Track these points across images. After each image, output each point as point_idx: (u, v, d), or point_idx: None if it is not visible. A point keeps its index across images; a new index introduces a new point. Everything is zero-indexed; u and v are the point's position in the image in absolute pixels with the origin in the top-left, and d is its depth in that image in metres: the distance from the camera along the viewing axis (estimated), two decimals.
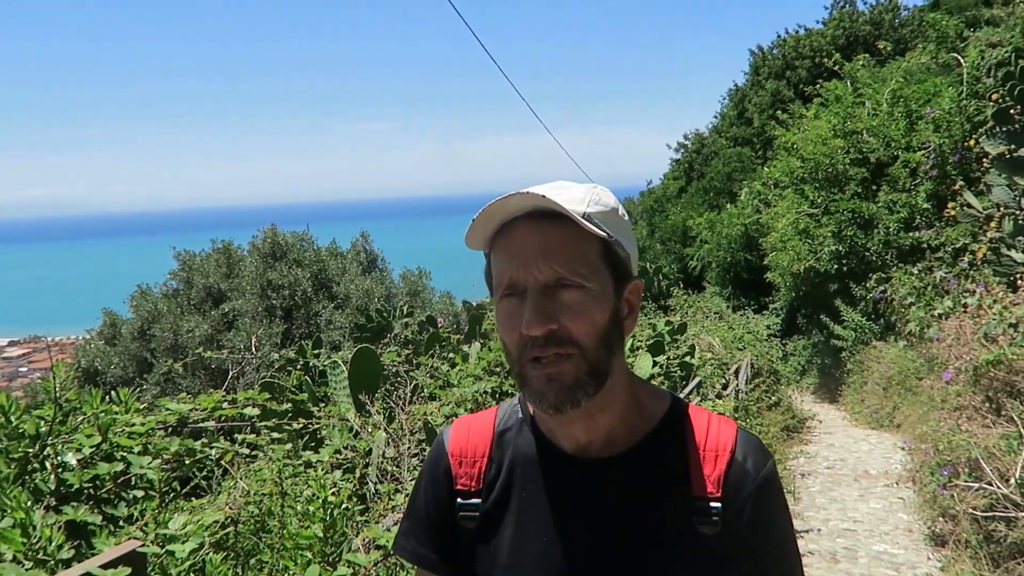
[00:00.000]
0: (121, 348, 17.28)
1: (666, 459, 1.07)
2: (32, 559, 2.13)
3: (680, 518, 1.04)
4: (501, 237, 1.02)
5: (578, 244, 0.99)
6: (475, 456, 1.15)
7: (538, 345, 0.97)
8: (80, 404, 2.95)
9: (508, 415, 1.18)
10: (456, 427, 1.21)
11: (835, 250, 13.24)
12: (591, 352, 0.99)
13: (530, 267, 0.98)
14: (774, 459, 1.09)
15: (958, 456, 5.00)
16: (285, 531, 2.59)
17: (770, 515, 1.06)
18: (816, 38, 28.13)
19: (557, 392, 0.98)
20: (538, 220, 0.99)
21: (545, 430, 1.12)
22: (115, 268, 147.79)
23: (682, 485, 1.05)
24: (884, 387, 11.12)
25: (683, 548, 1.03)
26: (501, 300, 1.02)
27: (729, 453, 1.06)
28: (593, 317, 0.99)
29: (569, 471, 1.08)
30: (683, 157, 35.81)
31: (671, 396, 1.15)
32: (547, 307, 0.97)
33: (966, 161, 11.26)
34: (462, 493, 1.14)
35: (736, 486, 1.04)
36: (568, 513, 1.07)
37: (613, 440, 1.07)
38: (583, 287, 0.98)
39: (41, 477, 2.62)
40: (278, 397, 4.30)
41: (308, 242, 19.54)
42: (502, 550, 1.09)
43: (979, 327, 5.89)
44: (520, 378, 1.02)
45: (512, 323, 0.99)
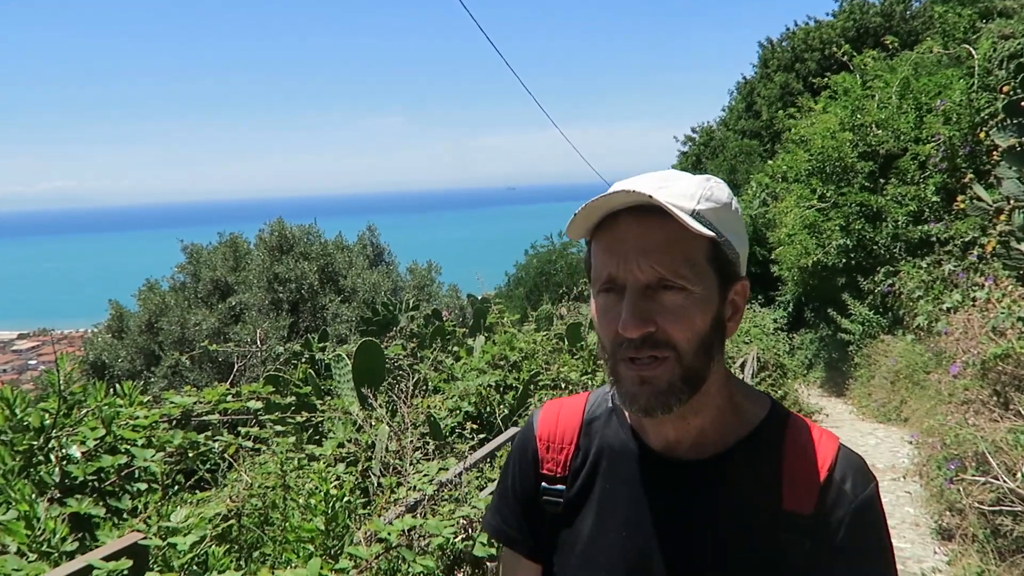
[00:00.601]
0: (128, 341, 17.37)
1: (758, 467, 1.02)
2: (36, 551, 2.14)
3: (767, 530, 0.99)
4: (603, 229, 0.98)
5: (683, 243, 0.94)
6: (563, 442, 1.14)
7: (634, 347, 0.95)
8: (84, 397, 2.96)
9: (598, 403, 1.17)
10: (546, 411, 1.20)
11: (843, 244, 13.17)
12: (688, 357, 0.95)
13: (630, 265, 0.94)
14: (877, 483, 1.02)
15: (965, 450, 4.98)
16: (287, 524, 2.59)
17: (865, 542, 0.99)
18: (826, 30, 27.95)
19: (649, 396, 0.96)
20: (642, 215, 0.95)
21: (634, 424, 1.10)
22: (124, 261, 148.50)
23: (773, 496, 1.00)
24: (892, 381, 11.07)
25: (766, 561, 0.98)
26: (599, 294, 0.99)
27: (827, 470, 1.00)
28: (694, 321, 0.95)
29: (655, 469, 1.06)
30: (690, 150, 35.70)
31: (771, 401, 1.11)
32: (645, 308, 0.94)
33: (976, 154, 11.17)
34: (547, 478, 1.14)
35: (831, 506, 0.98)
36: (649, 511, 1.04)
37: (703, 442, 1.04)
38: (685, 289, 0.94)
39: (46, 470, 2.63)
40: (282, 390, 4.31)
41: (315, 235, 19.56)
42: (581, 538, 1.08)
43: (987, 321, 5.85)
44: (612, 374, 1.00)
45: (608, 320, 0.97)
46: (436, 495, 2.97)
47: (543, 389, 5.10)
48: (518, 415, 4.80)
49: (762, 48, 31.29)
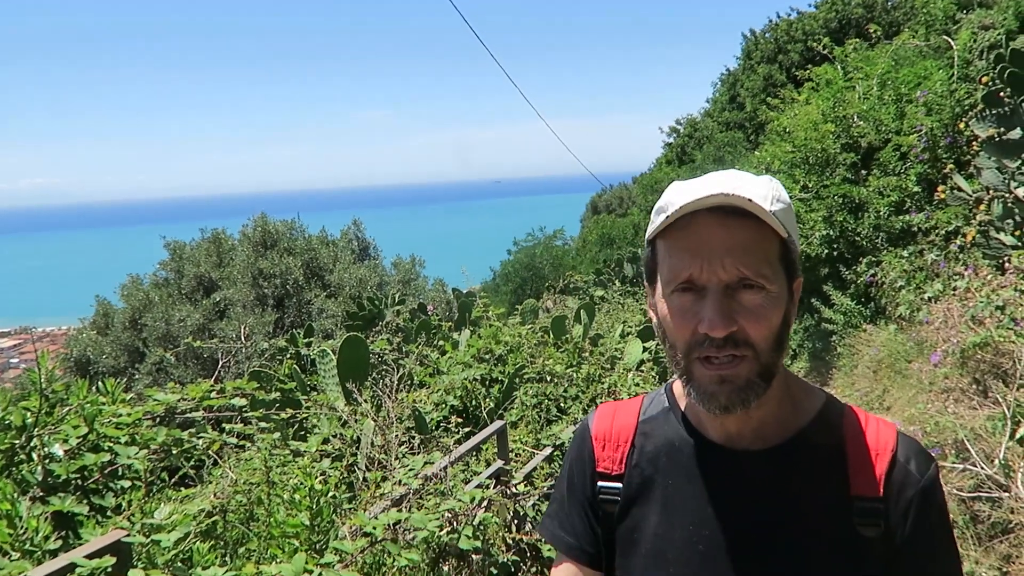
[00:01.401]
0: (113, 338, 17.22)
1: (822, 456, 1.04)
2: (19, 550, 2.13)
3: (837, 517, 1.01)
4: (678, 229, 0.97)
5: (762, 243, 0.96)
6: (618, 440, 1.15)
7: (715, 346, 0.95)
8: (67, 395, 2.94)
9: (653, 403, 1.18)
10: (601, 411, 1.20)
11: (826, 234, 13.27)
12: (765, 354, 0.97)
13: (714, 265, 0.95)
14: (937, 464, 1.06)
15: (945, 438, 5.04)
16: (272, 519, 2.60)
17: (934, 520, 1.02)
18: (808, 21, 28.08)
19: (729, 394, 0.96)
20: (723, 216, 0.96)
21: (693, 420, 1.10)
22: (106, 258, 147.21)
23: (839, 483, 1.02)
24: (874, 370, 11.17)
25: (839, 548, 1.00)
26: (672, 294, 0.98)
27: (891, 452, 1.03)
28: (771, 320, 0.97)
29: (718, 461, 1.06)
30: (675, 141, 35.81)
31: (825, 394, 1.13)
32: (728, 308, 0.95)
33: (956, 144, 11.28)
34: (603, 476, 1.14)
35: (899, 488, 1.01)
36: (716, 503, 1.04)
37: (764, 433, 1.05)
38: (764, 289, 0.96)
39: (28, 468, 2.62)
40: (267, 386, 4.30)
41: (299, 231, 19.47)
42: (646, 537, 1.08)
43: (967, 310, 5.93)
44: (686, 374, 1.00)
45: (686, 319, 0.97)
46: (421, 489, 2.98)
47: (528, 382, 5.12)
48: (503, 408, 4.81)
49: (745, 40, 31.40)
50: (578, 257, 29.86)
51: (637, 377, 5.26)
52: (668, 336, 1.01)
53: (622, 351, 6.93)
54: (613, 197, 51.81)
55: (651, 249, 1.05)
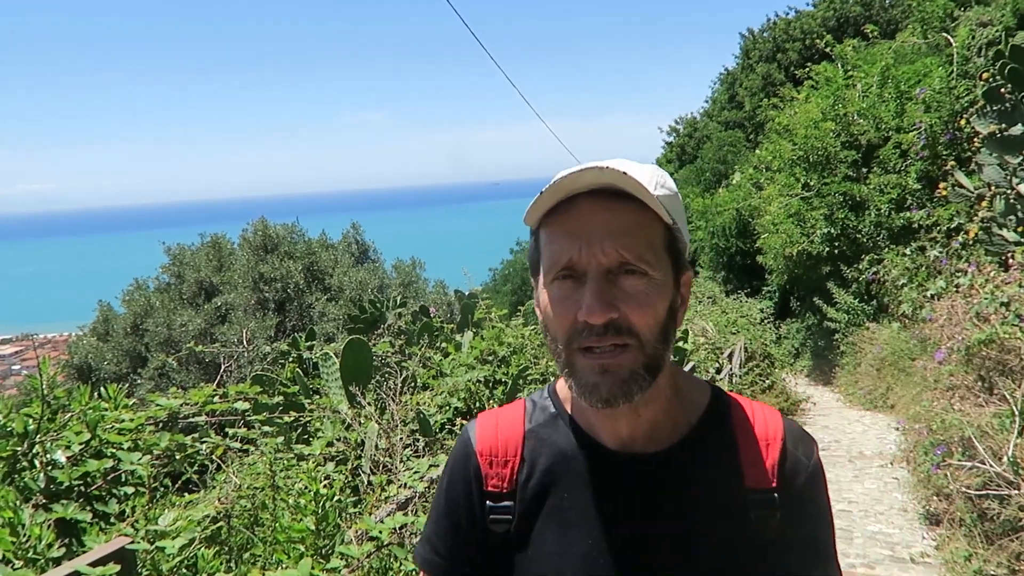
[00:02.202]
0: (114, 343, 17.20)
1: (715, 451, 1.02)
2: (22, 558, 2.11)
3: (735, 511, 1.00)
4: (559, 213, 0.94)
5: (646, 228, 0.93)
6: (506, 455, 1.08)
7: (595, 334, 0.91)
8: (69, 401, 2.92)
9: (538, 409, 1.11)
10: (482, 424, 1.13)
11: (827, 232, 13.27)
12: (650, 345, 0.93)
13: (593, 248, 0.91)
14: (817, 444, 1.07)
15: (951, 435, 5.02)
16: (277, 524, 2.57)
17: (821, 499, 1.04)
18: (806, 20, 28.11)
19: (611, 385, 0.92)
20: (604, 198, 0.92)
21: (584, 425, 1.06)
22: (105, 264, 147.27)
23: (734, 477, 1.01)
24: (878, 368, 11.17)
25: (740, 541, 0.99)
26: (552, 282, 0.94)
27: (781, 441, 1.03)
28: (655, 307, 0.93)
29: (613, 468, 1.02)
30: (675, 141, 35.84)
31: (712, 387, 1.11)
32: (609, 293, 0.91)
33: (957, 141, 11.27)
34: (492, 495, 1.07)
35: (791, 475, 1.01)
36: (614, 512, 1.01)
37: (657, 434, 1.02)
38: (647, 275, 0.92)
39: (30, 475, 2.60)
40: (270, 390, 4.28)
41: (299, 234, 19.46)
42: (544, 554, 1.03)
43: (971, 307, 5.90)
44: (567, 367, 0.95)
45: (565, 308, 0.93)
46: (427, 492, 2.96)
47: (532, 383, 5.10)
48: None
49: (744, 39, 31.43)
50: None
51: None
52: (549, 328, 0.96)
53: None
54: None
55: (535, 238, 1.00)
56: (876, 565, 4.90)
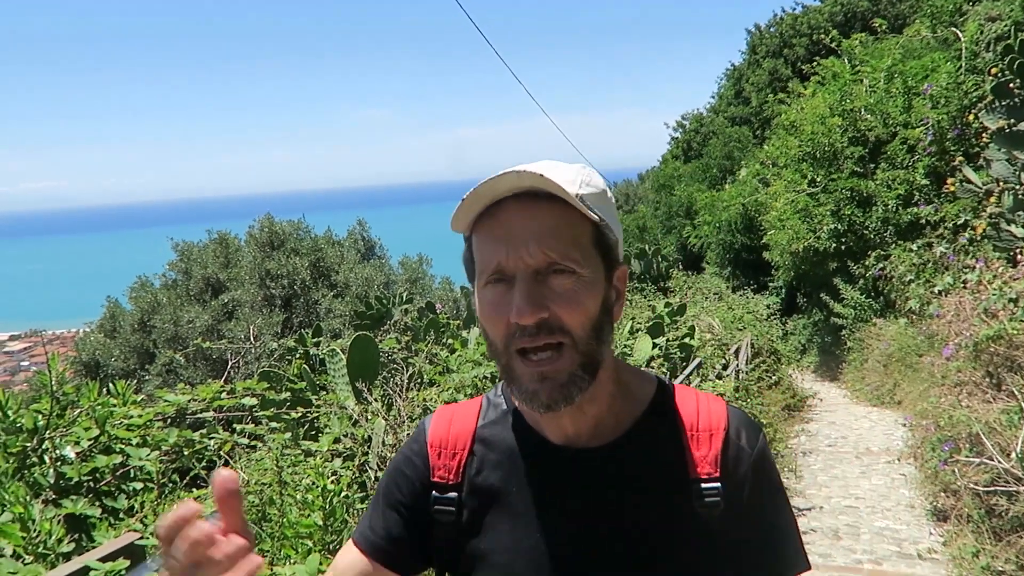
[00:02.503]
0: (121, 340, 17.28)
1: (659, 443, 1.04)
2: (32, 553, 2.12)
3: (679, 502, 1.01)
4: (486, 219, 0.96)
5: (571, 227, 0.94)
6: (455, 448, 1.10)
7: (528, 335, 0.92)
8: (77, 397, 2.94)
9: (492, 406, 1.13)
10: (438, 416, 1.15)
11: (834, 228, 13.22)
12: (583, 343, 0.94)
13: (520, 251, 0.92)
14: (764, 432, 1.08)
15: (959, 432, 5.01)
16: (285, 520, 2.58)
17: (768, 488, 1.05)
18: (813, 15, 27.98)
19: (551, 391, 0.93)
20: (528, 201, 0.93)
21: (531, 421, 1.07)
22: (112, 261, 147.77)
23: (678, 468, 1.02)
24: (885, 364, 11.13)
25: (686, 532, 1.00)
26: (485, 287, 0.96)
27: (723, 431, 1.04)
28: (586, 305, 0.94)
29: (558, 463, 1.04)
30: (681, 137, 35.74)
31: (656, 378, 1.12)
32: (538, 294, 0.92)
33: (965, 136, 11.21)
34: (438, 486, 1.09)
35: (734, 464, 1.02)
36: (560, 506, 1.03)
37: (602, 429, 1.04)
38: (575, 273, 0.93)
39: (40, 471, 2.62)
40: (277, 386, 4.30)
41: (305, 231, 19.50)
42: (492, 547, 1.04)
43: (979, 303, 5.88)
44: (507, 371, 0.96)
45: (498, 312, 0.94)
46: None
47: None
48: None
49: (750, 35, 31.30)
50: None
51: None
52: (487, 333, 0.98)
53: (631, 348, 6.90)
54: (619, 193, 51.74)
55: (468, 244, 1.01)
56: (883, 561, 4.90)
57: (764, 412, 7.76)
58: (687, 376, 6.20)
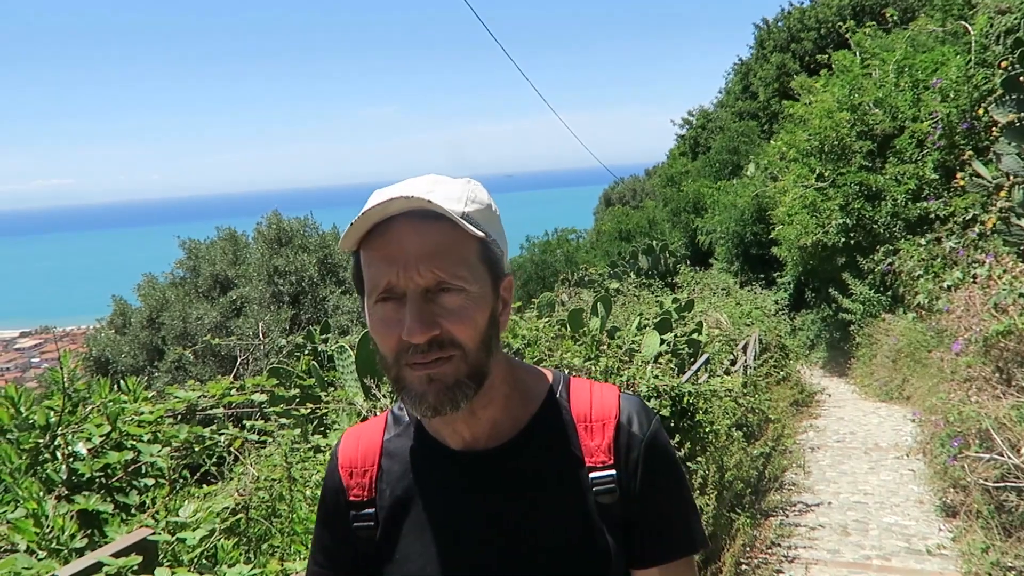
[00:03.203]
0: (131, 337, 17.37)
1: (554, 439, 1.07)
2: (46, 549, 2.14)
3: (577, 493, 1.04)
4: (376, 237, 0.97)
5: (458, 245, 0.96)
6: (365, 465, 1.13)
7: (420, 352, 0.95)
8: (89, 394, 2.96)
9: (395, 420, 1.17)
10: (346, 439, 1.19)
11: (843, 223, 13.15)
12: (472, 355, 0.97)
13: (410, 271, 0.94)
14: (658, 417, 1.11)
15: (968, 427, 4.99)
16: (295, 516, 2.60)
17: (661, 469, 1.06)
18: (821, 9, 27.81)
19: (437, 393, 0.96)
20: (417, 220, 0.95)
21: (431, 430, 1.10)
22: (122, 258, 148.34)
23: (574, 460, 1.05)
24: (893, 360, 11.08)
25: (587, 523, 1.03)
26: (376, 304, 0.97)
27: (615, 420, 1.06)
28: (475, 320, 0.97)
29: (457, 468, 1.07)
30: (688, 133, 35.63)
31: (552, 373, 1.15)
32: (428, 312, 0.94)
33: (975, 130, 11.13)
34: (354, 504, 1.13)
35: (626, 450, 1.05)
36: (464, 510, 1.06)
37: (499, 430, 1.07)
38: (464, 290, 0.96)
39: (52, 467, 2.64)
40: (286, 383, 4.32)
41: (312, 227, 19.56)
42: (405, 556, 1.08)
43: (989, 298, 5.85)
44: (397, 382, 0.99)
45: (389, 328, 0.96)
46: None
47: None
48: None
49: (758, 29, 31.14)
50: (592, 250, 29.79)
51: (656, 369, 5.23)
52: (379, 347, 1.00)
53: (639, 343, 6.90)
54: (626, 189, 51.59)
55: (355, 260, 1.03)
56: (892, 557, 4.89)
57: (772, 408, 7.74)
58: (695, 372, 6.19)
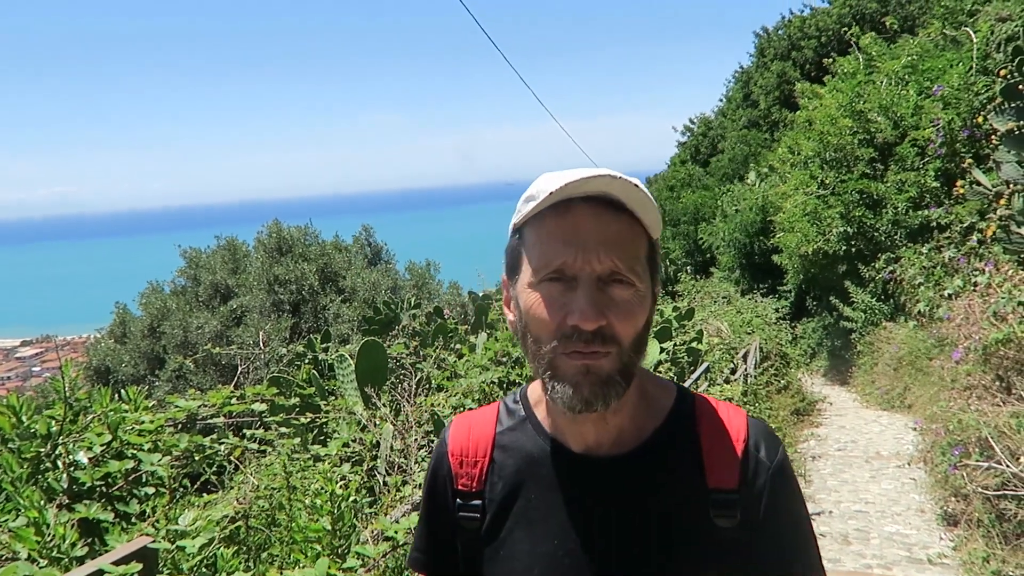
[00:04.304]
0: (132, 346, 17.38)
1: (678, 453, 1.04)
2: (47, 557, 2.15)
3: (697, 512, 1.01)
4: (553, 216, 0.95)
5: (635, 240, 0.96)
6: (476, 456, 1.12)
7: (583, 340, 0.92)
8: (90, 403, 2.97)
9: (509, 413, 1.14)
10: (456, 426, 1.17)
11: (844, 231, 13.17)
12: (626, 353, 0.95)
13: (589, 255, 0.92)
14: (784, 444, 1.08)
15: (969, 436, 4.98)
16: (294, 524, 2.61)
17: (786, 501, 1.04)
18: (822, 17, 27.91)
19: (592, 386, 0.93)
20: (600, 207, 0.94)
21: (551, 430, 1.08)
22: (123, 267, 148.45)
23: (696, 478, 1.02)
24: (895, 368, 11.08)
25: (702, 542, 1.01)
26: (540, 283, 0.95)
27: (743, 442, 1.04)
28: (637, 318, 0.95)
29: (578, 471, 1.05)
30: (689, 140, 35.70)
31: (677, 387, 1.12)
32: (600, 301, 0.93)
33: (975, 138, 11.15)
34: (462, 494, 1.11)
35: (752, 475, 1.02)
36: (578, 515, 1.04)
37: (623, 438, 1.04)
38: (634, 285, 0.94)
39: (53, 476, 2.65)
40: (286, 392, 4.32)
41: (312, 236, 19.58)
42: (512, 555, 1.06)
43: (988, 306, 5.86)
44: (549, 368, 0.96)
45: (553, 310, 0.94)
46: None
47: None
48: None
49: (758, 38, 31.26)
50: None
51: None
52: (531, 329, 0.97)
53: None
54: None
55: (517, 237, 1.01)
56: (893, 566, 4.88)
57: (773, 416, 7.74)
58: (695, 381, 6.19)
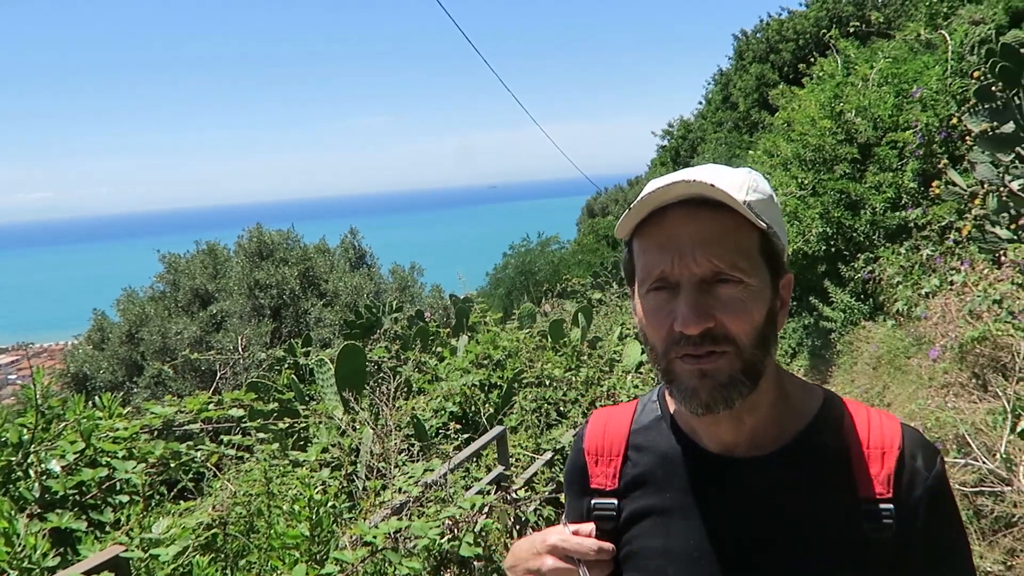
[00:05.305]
0: (110, 352, 17.17)
1: (824, 459, 1.00)
2: (17, 568, 2.11)
3: (845, 521, 0.97)
4: (650, 225, 0.95)
5: (737, 235, 0.93)
6: (611, 454, 1.11)
7: (692, 343, 0.91)
8: (63, 410, 2.93)
9: (645, 411, 1.14)
10: (593, 423, 1.17)
11: (823, 232, 13.28)
12: (747, 351, 0.93)
13: (685, 259, 0.91)
14: (942, 456, 1.05)
15: (946, 433, 5.03)
16: (273, 531, 2.58)
17: (945, 512, 0.99)
18: (799, 20, 28.18)
19: (711, 390, 0.92)
20: (694, 208, 0.92)
21: (686, 429, 1.06)
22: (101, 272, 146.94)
23: (844, 486, 0.98)
24: (874, 367, 11.17)
25: (849, 553, 0.96)
26: (648, 294, 0.95)
27: (898, 450, 0.99)
28: (752, 314, 0.93)
29: (715, 472, 1.02)
30: (669, 144, 35.90)
31: (823, 391, 1.09)
32: (704, 303, 0.91)
33: (951, 139, 11.30)
34: (598, 492, 1.11)
35: (908, 486, 0.97)
36: (715, 516, 1.01)
37: (761, 440, 1.01)
38: (742, 282, 0.92)
39: (25, 485, 2.60)
40: (265, 397, 4.29)
41: (294, 240, 19.46)
42: (645, 554, 1.05)
43: (964, 304, 5.93)
44: (667, 374, 0.96)
45: (660, 319, 0.94)
46: (422, 496, 2.97)
47: (527, 387, 5.10)
48: (503, 413, 4.79)
49: (737, 40, 31.50)
50: (574, 259, 29.89)
51: (636, 379, 5.25)
52: (647, 338, 0.98)
53: (621, 353, 6.92)
54: (609, 199, 51.86)
55: (628, 249, 1.01)
56: None
57: None
58: None
